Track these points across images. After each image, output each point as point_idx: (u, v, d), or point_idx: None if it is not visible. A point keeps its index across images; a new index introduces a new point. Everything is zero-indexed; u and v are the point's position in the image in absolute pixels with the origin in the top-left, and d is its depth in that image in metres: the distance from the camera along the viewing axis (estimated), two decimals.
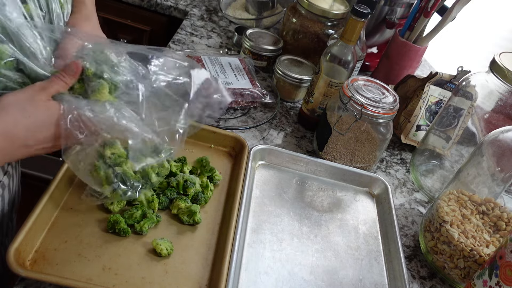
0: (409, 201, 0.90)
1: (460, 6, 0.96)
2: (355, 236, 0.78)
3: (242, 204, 0.71)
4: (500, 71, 0.76)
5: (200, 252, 0.66)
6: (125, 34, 1.45)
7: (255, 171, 0.84)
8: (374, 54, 1.27)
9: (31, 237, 0.59)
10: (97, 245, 0.62)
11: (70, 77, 0.55)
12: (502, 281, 0.59)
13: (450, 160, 0.93)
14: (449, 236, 0.71)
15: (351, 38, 0.85)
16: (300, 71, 1.03)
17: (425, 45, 1.06)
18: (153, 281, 0.60)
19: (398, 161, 1.00)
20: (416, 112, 0.99)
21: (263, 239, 0.72)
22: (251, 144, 0.88)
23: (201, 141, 0.84)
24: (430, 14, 1.00)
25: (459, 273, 0.71)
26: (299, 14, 1.07)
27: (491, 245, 0.70)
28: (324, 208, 0.81)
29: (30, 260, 0.58)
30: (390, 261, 0.74)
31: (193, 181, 0.72)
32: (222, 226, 0.70)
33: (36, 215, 0.60)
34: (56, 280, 0.55)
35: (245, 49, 1.09)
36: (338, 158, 0.88)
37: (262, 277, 0.66)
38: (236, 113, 0.97)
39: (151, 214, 0.66)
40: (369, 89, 0.84)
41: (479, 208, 0.74)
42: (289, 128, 0.98)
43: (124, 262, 0.61)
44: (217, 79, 0.67)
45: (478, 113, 0.84)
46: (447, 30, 1.02)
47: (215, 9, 1.36)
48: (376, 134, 0.84)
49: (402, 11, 1.12)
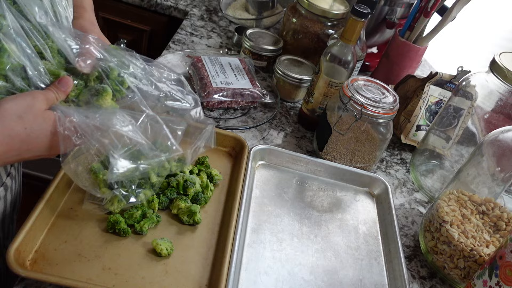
0: (409, 201, 0.90)
1: (460, 6, 0.96)
2: (355, 236, 0.78)
3: (242, 204, 0.72)
4: (500, 71, 0.76)
5: (200, 252, 0.66)
6: (125, 34, 1.45)
7: (255, 171, 0.84)
8: (374, 54, 1.27)
9: (31, 237, 0.59)
10: (97, 245, 0.62)
11: (61, 92, 0.55)
12: (502, 281, 0.59)
13: (450, 160, 0.93)
14: (449, 236, 0.71)
15: (351, 38, 0.85)
16: (300, 71, 1.03)
17: (425, 45, 1.06)
18: (153, 281, 0.60)
19: (398, 161, 1.00)
20: (416, 112, 0.99)
21: (263, 239, 0.72)
22: (251, 144, 0.88)
23: None
24: (430, 14, 1.00)
25: (459, 273, 0.71)
26: (299, 14, 1.07)
27: (491, 245, 0.70)
28: (324, 208, 0.81)
29: (30, 260, 0.58)
30: (390, 261, 0.74)
31: (193, 181, 0.72)
32: (222, 226, 0.70)
33: (36, 215, 0.60)
34: (56, 280, 0.55)
35: (245, 49, 1.09)
36: (338, 158, 0.88)
37: (262, 277, 0.66)
38: (236, 113, 0.97)
39: (151, 214, 0.66)
40: (369, 89, 0.84)
41: (479, 208, 0.74)
42: (289, 128, 0.98)
43: (124, 262, 0.61)
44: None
45: (478, 113, 0.84)
46: (447, 30, 1.02)
47: (215, 9, 1.36)
48: (376, 134, 0.84)
49: (402, 11, 1.12)
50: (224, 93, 0.94)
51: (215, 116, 0.93)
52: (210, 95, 0.92)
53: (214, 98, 0.93)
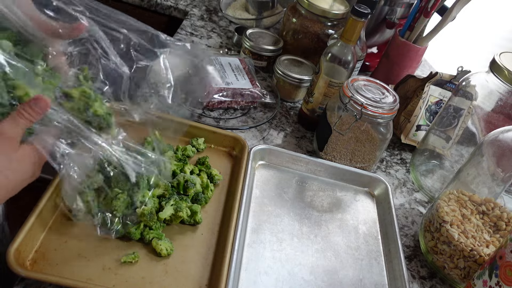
0: (409, 201, 0.90)
1: (460, 6, 0.96)
2: (355, 236, 0.78)
3: (242, 204, 0.71)
4: (500, 71, 0.76)
5: (200, 252, 0.66)
6: None
7: (255, 171, 0.84)
8: (374, 54, 1.27)
9: (31, 237, 0.59)
10: (97, 245, 0.62)
11: (36, 113, 0.48)
12: (502, 281, 0.59)
13: (450, 160, 0.93)
14: (449, 236, 0.71)
15: (351, 38, 0.85)
16: (300, 71, 1.03)
17: (425, 45, 1.06)
18: (153, 281, 0.60)
19: (398, 161, 1.00)
20: (416, 112, 0.99)
21: (263, 239, 0.72)
22: (251, 144, 0.88)
23: None
24: (430, 14, 1.00)
25: (459, 273, 0.71)
26: (299, 14, 1.07)
27: (491, 245, 0.70)
28: (324, 208, 0.81)
29: (30, 260, 0.58)
30: (390, 261, 0.74)
31: (194, 181, 0.72)
32: (222, 226, 0.70)
33: (36, 215, 0.60)
34: (56, 280, 0.55)
35: (245, 49, 1.09)
36: (338, 158, 0.88)
37: (262, 277, 0.66)
38: (236, 113, 0.97)
39: (156, 224, 0.65)
40: (369, 89, 0.84)
41: (479, 208, 0.74)
42: (289, 128, 0.98)
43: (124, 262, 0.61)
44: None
45: (478, 113, 0.84)
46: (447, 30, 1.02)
47: (215, 9, 1.36)
48: (376, 134, 0.84)
49: (402, 11, 1.12)
50: (224, 93, 0.94)
51: (215, 116, 0.93)
52: (210, 95, 0.92)
53: (214, 98, 0.93)
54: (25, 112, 0.47)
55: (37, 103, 0.47)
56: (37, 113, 0.48)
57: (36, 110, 0.48)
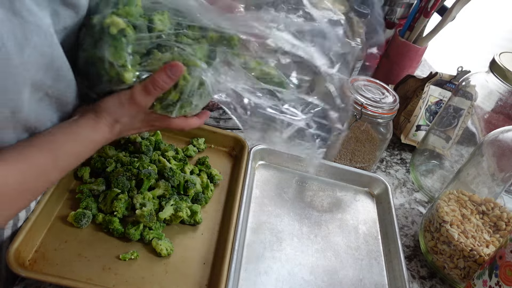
0: (409, 201, 0.90)
1: (460, 6, 0.96)
2: (355, 236, 0.78)
3: (242, 204, 0.71)
4: (500, 71, 0.76)
5: (200, 252, 0.66)
6: None
7: (255, 171, 0.84)
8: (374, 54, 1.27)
9: (31, 237, 0.59)
10: (97, 245, 0.62)
11: (171, 80, 0.48)
12: (502, 281, 0.59)
13: (450, 160, 0.93)
14: (449, 236, 0.71)
15: None
16: None
17: (425, 45, 1.06)
18: (153, 281, 0.60)
19: (398, 161, 1.00)
20: (416, 112, 0.99)
21: (263, 239, 0.72)
22: (251, 144, 0.88)
23: None
24: (430, 14, 1.00)
25: (459, 273, 0.71)
26: None
27: (491, 245, 0.70)
28: (324, 208, 0.81)
29: (30, 260, 0.58)
30: (390, 261, 0.74)
31: (194, 181, 0.72)
32: (222, 226, 0.70)
33: (36, 215, 0.60)
34: (56, 280, 0.55)
35: None
36: (338, 158, 0.88)
37: (262, 277, 0.66)
38: None
39: (156, 225, 0.65)
40: (369, 89, 0.84)
41: (479, 208, 0.74)
42: None
43: (124, 262, 0.61)
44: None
45: (478, 113, 0.84)
46: (447, 30, 1.02)
47: None
48: (376, 134, 0.84)
49: (402, 11, 1.12)
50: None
51: (215, 116, 0.93)
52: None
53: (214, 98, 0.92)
54: (160, 80, 0.47)
55: (172, 69, 0.47)
56: (172, 79, 0.48)
57: (171, 77, 0.48)
